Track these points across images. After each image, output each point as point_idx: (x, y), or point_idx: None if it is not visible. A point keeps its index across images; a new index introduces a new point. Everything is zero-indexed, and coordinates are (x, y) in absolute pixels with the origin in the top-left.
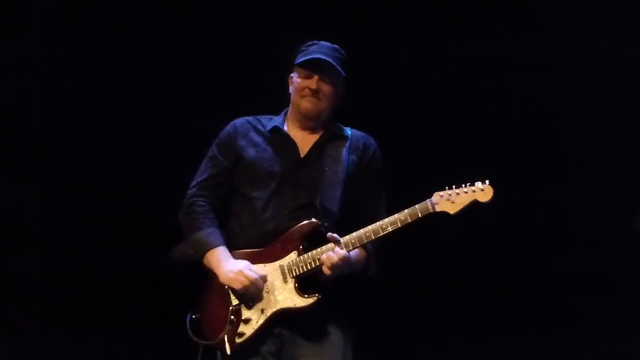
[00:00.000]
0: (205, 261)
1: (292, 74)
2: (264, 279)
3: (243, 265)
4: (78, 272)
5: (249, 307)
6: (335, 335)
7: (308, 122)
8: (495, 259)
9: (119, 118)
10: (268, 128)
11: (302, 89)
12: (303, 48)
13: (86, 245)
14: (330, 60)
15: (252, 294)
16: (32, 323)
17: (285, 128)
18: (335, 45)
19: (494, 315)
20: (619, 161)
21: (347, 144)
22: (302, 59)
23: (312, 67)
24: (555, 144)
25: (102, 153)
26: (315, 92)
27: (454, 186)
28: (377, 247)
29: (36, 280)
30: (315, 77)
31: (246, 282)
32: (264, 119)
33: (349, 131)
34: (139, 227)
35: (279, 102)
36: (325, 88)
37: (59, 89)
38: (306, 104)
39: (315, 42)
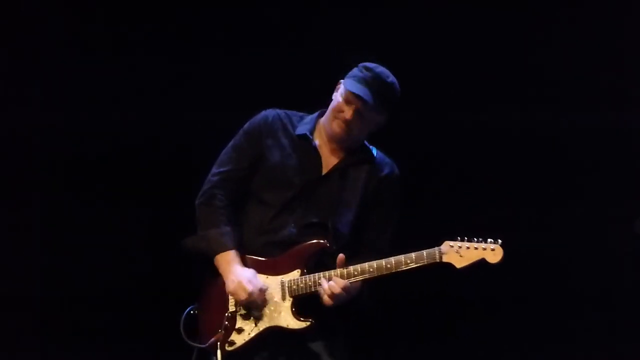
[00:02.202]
0: (215, 261)
1: (341, 82)
2: (264, 293)
3: (248, 276)
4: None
5: (245, 317)
6: (331, 353)
7: (337, 143)
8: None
9: (120, 118)
10: (297, 132)
11: (339, 111)
12: (361, 66)
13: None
14: (374, 104)
15: (251, 306)
16: (32, 334)
17: (315, 134)
18: (391, 81)
19: (496, 330)
20: (619, 163)
21: (371, 169)
22: (352, 88)
23: (356, 99)
24: (556, 146)
25: (104, 155)
26: (348, 122)
27: (465, 238)
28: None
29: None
30: (353, 108)
31: (244, 296)
32: (295, 117)
33: (375, 153)
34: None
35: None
36: (360, 122)
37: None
38: (336, 128)
39: (374, 69)
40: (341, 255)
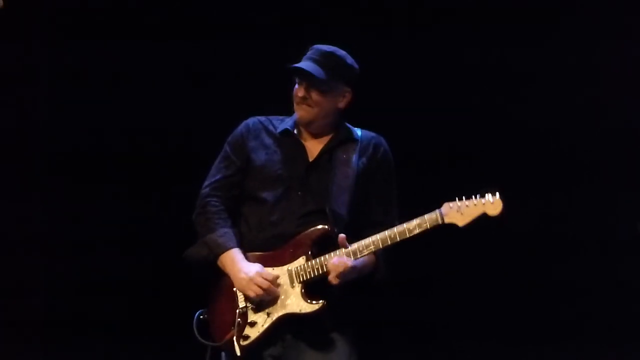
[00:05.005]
0: (219, 262)
1: None
2: (276, 285)
3: (256, 271)
4: (82, 277)
5: (256, 311)
6: (340, 343)
7: (308, 128)
8: (496, 265)
9: (119, 121)
10: (279, 130)
11: (294, 96)
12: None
13: (89, 250)
14: (309, 70)
15: (263, 300)
16: (35, 329)
17: (296, 131)
18: (330, 49)
19: (498, 321)
20: (620, 164)
21: (357, 146)
22: (292, 66)
23: (297, 74)
24: (558, 147)
25: (105, 156)
26: (304, 99)
27: (463, 197)
28: (385, 251)
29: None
30: (303, 85)
31: (259, 291)
32: (276, 120)
33: (359, 132)
34: (142, 232)
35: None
36: (314, 95)
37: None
38: (299, 111)
39: (314, 47)
40: (342, 235)
